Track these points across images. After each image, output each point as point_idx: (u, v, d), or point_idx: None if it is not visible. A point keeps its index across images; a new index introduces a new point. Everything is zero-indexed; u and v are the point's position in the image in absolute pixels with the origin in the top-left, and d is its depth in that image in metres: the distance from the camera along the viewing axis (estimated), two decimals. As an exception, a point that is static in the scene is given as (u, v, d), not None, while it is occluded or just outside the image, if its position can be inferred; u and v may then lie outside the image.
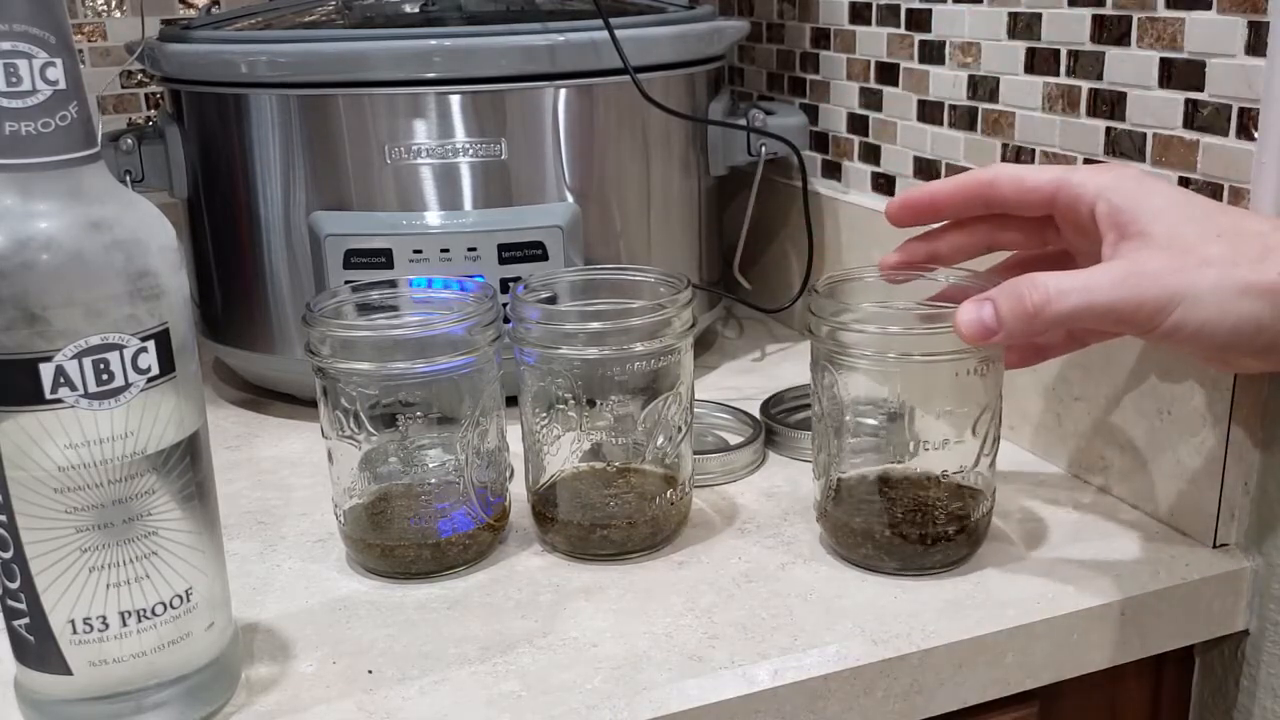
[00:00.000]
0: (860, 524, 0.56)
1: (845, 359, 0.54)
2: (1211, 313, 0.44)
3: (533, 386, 0.57)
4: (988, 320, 0.47)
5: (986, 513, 0.56)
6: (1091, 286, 0.45)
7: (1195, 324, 0.44)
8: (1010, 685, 0.53)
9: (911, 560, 0.55)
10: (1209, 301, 0.44)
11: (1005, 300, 0.46)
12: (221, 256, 0.79)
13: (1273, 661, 0.57)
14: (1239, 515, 0.57)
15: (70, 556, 0.42)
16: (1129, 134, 0.60)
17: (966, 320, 0.47)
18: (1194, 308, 0.44)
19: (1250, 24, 0.53)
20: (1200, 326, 0.44)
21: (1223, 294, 0.44)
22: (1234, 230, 0.45)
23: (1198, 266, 0.44)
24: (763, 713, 0.49)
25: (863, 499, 0.57)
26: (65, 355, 0.40)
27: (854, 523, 0.56)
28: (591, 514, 0.58)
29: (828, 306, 0.55)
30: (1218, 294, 0.44)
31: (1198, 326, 0.44)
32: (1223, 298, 0.44)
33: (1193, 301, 0.44)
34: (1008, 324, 0.46)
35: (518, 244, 0.72)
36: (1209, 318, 0.44)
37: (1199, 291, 0.44)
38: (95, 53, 1.00)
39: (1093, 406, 0.63)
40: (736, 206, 0.91)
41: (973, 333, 0.47)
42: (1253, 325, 0.44)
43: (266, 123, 0.74)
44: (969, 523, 0.55)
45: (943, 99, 0.74)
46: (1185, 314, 0.44)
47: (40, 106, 0.39)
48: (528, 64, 0.72)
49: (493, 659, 0.50)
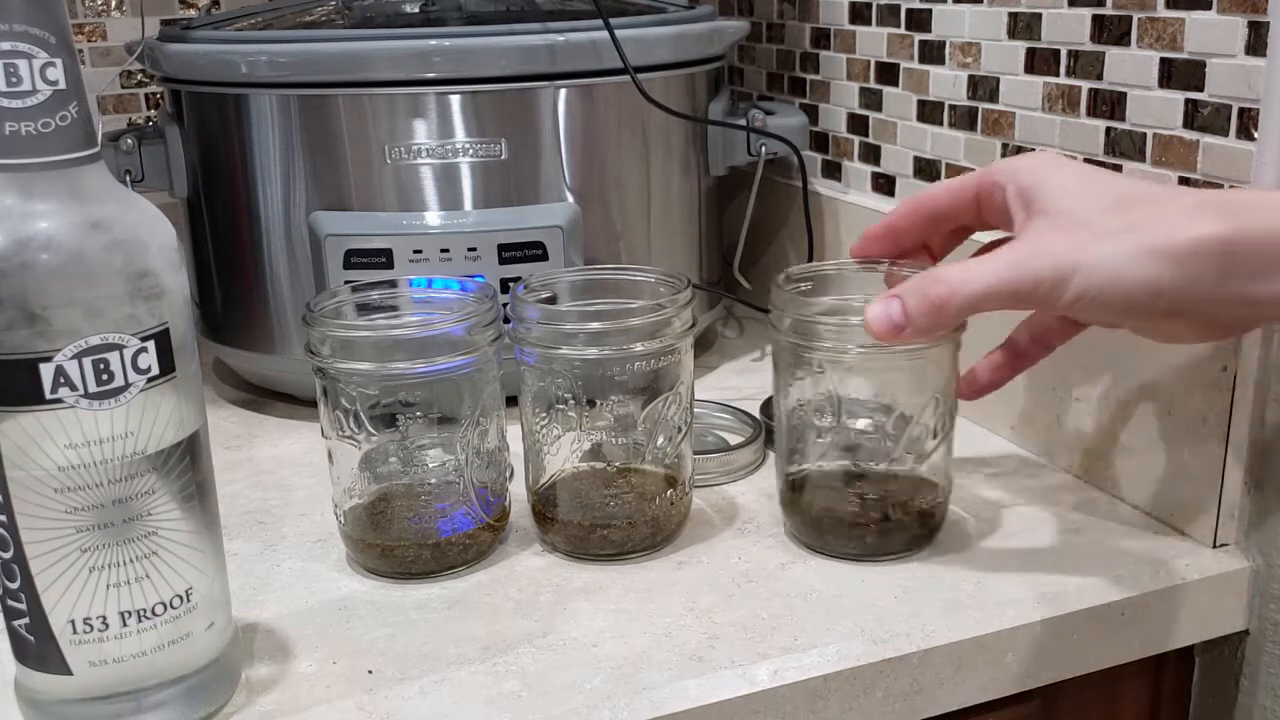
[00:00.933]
0: (820, 512, 0.58)
1: (807, 351, 0.55)
2: (1106, 279, 0.44)
3: (533, 386, 0.57)
4: (896, 317, 0.48)
5: (943, 499, 0.58)
6: (989, 271, 0.46)
7: (1093, 291, 0.44)
8: (1010, 685, 0.53)
9: (871, 547, 0.57)
10: (1103, 268, 0.44)
11: (911, 297, 0.48)
12: (221, 256, 0.79)
13: (1273, 661, 0.57)
14: (1239, 515, 0.57)
15: (70, 556, 0.42)
16: (1129, 134, 0.60)
17: (875, 318, 0.48)
18: (1089, 276, 0.44)
19: (1250, 24, 0.53)
20: (1098, 293, 0.44)
21: (1116, 260, 0.44)
22: (1134, 199, 0.46)
23: (1091, 237, 0.45)
24: (763, 713, 0.49)
25: (822, 487, 0.58)
26: (65, 355, 0.40)
27: (814, 511, 0.58)
28: (591, 514, 0.58)
29: (789, 300, 0.56)
30: (1111, 260, 0.44)
31: (1096, 293, 0.44)
32: (1116, 263, 0.44)
33: (1087, 270, 0.44)
34: (915, 320, 0.47)
35: (518, 244, 0.72)
36: (1104, 284, 0.44)
37: (1091, 260, 0.44)
38: (95, 53, 1.00)
39: (1093, 406, 0.63)
40: (736, 206, 0.91)
41: (882, 330, 0.48)
42: (1149, 288, 0.44)
43: (266, 123, 0.74)
44: (926, 509, 0.57)
45: (943, 99, 0.74)
46: (1082, 283, 0.45)
47: (40, 106, 0.39)
48: (528, 64, 0.72)
49: (493, 659, 0.50)
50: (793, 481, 0.59)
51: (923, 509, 0.57)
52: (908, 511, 0.57)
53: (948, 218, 0.54)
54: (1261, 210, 0.43)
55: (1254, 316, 0.46)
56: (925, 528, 0.58)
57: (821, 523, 0.58)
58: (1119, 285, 0.44)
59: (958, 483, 0.65)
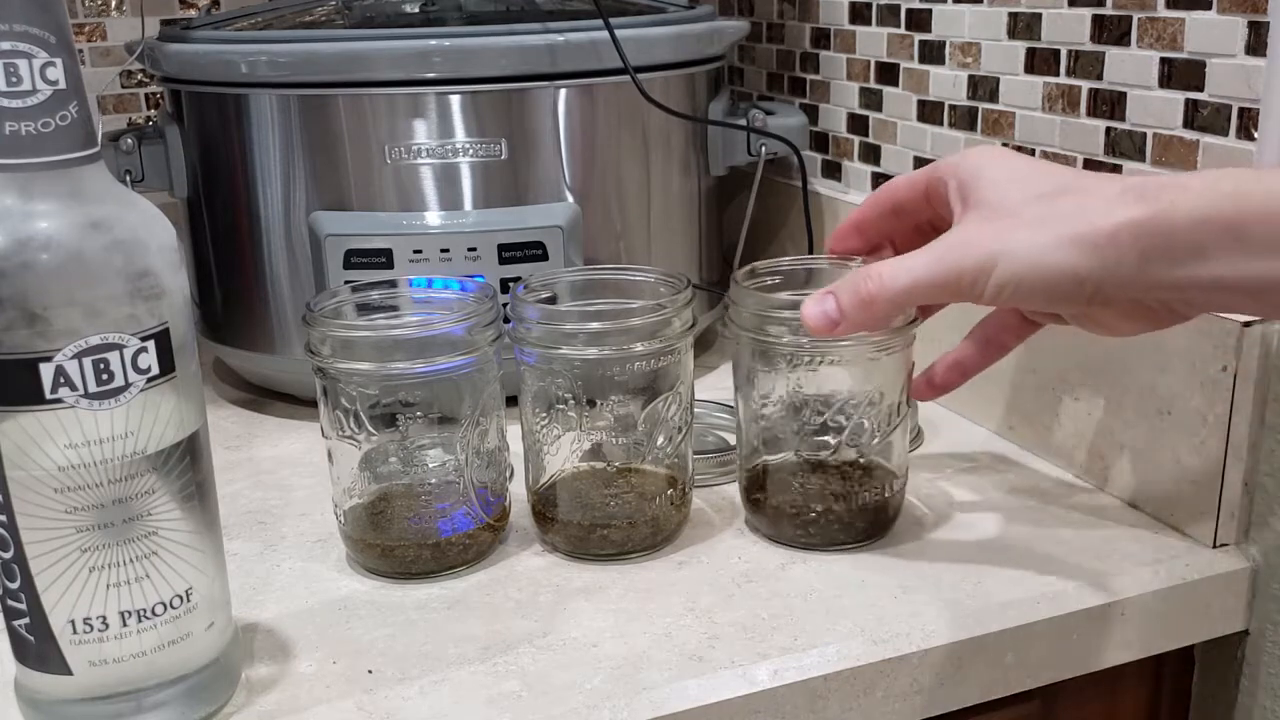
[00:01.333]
0: (777, 503, 0.58)
1: (763, 346, 0.56)
2: (1026, 267, 0.44)
3: (533, 386, 0.57)
4: (830, 313, 0.49)
5: (899, 490, 0.59)
6: (916, 265, 0.47)
7: (1015, 281, 0.45)
8: (1010, 685, 0.53)
9: (825, 537, 0.58)
10: (1023, 257, 0.44)
11: (844, 293, 0.48)
12: (221, 256, 0.79)
13: (1273, 661, 0.57)
14: (1239, 515, 0.57)
15: (70, 556, 0.42)
16: (1129, 134, 0.60)
17: (810, 314, 0.49)
18: (1010, 265, 0.44)
19: (1250, 24, 0.53)
20: (1020, 282, 0.45)
21: (1034, 248, 0.44)
22: (1063, 188, 0.45)
23: (1013, 226, 0.45)
24: (763, 713, 0.49)
25: (779, 480, 0.59)
26: (65, 355, 0.40)
27: (771, 502, 0.59)
28: (591, 514, 0.58)
29: (745, 294, 0.57)
30: (1029, 249, 0.44)
31: (1018, 283, 0.45)
32: (1036, 252, 0.44)
33: (1008, 259, 0.45)
34: (849, 315, 0.48)
35: (518, 244, 0.72)
36: (1025, 272, 0.44)
37: (1012, 249, 0.45)
38: (95, 53, 1.00)
39: (1093, 406, 0.63)
40: (736, 206, 0.91)
41: (817, 325, 0.49)
42: (1070, 276, 0.44)
43: (266, 123, 0.74)
44: (881, 500, 0.58)
45: (943, 99, 0.74)
46: (1004, 273, 0.45)
47: (40, 106, 0.39)
48: (528, 64, 0.72)
49: (493, 659, 0.50)
50: (752, 475, 0.60)
51: (878, 500, 0.58)
52: (863, 502, 0.57)
53: (907, 212, 0.55)
54: (1190, 194, 0.42)
55: (1182, 302, 0.45)
56: (880, 518, 0.58)
57: (779, 514, 0.59)
58: (1039, 273, 0.44)
59: (958, 483, 0.65)
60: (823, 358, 0.56)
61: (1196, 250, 0.42)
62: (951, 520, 0.61)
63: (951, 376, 0.57)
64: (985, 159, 0.49)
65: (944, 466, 0.67)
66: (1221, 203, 0.41)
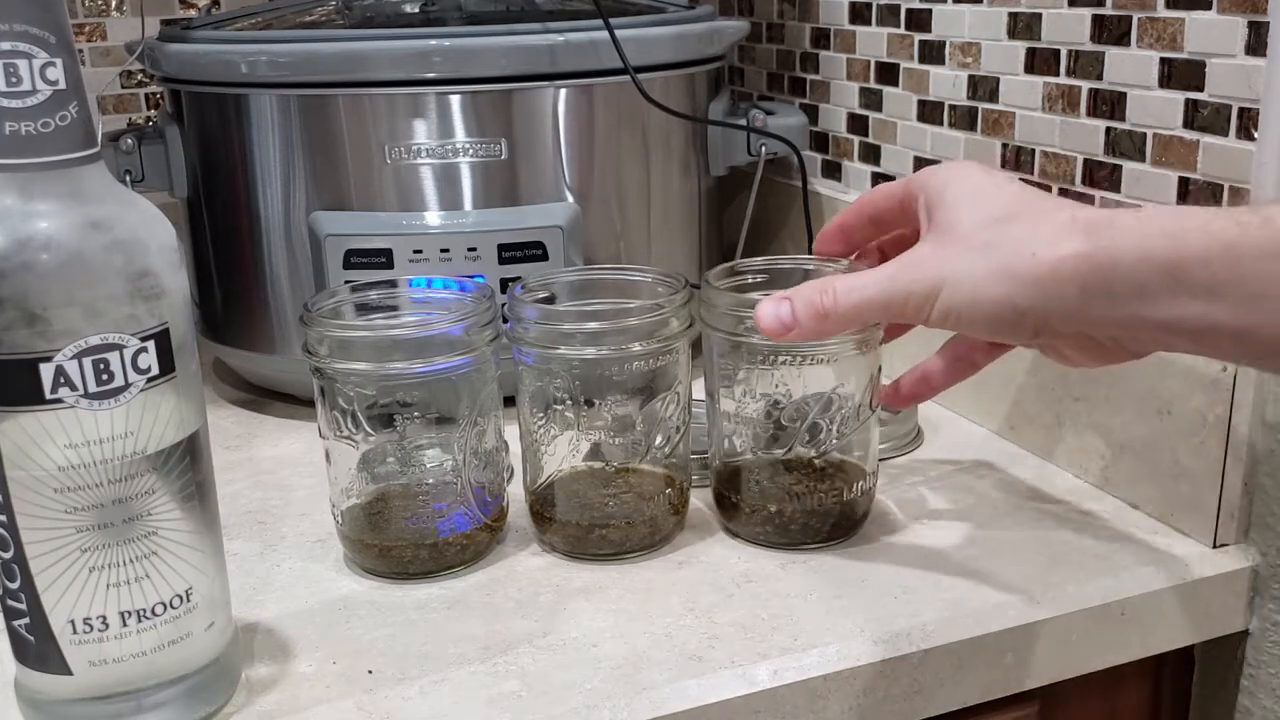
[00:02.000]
0: (748, 502, 0.59)
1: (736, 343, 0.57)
2: (966, 296, 0.44)
3: (531, 386, 0.57)
4: (785, 318, 0.49)
5: (869, 489, 0.59)
6: (867, 284, 0.47)
7: (957, 309, 0.45)
8: (1010, 685, 0.53)
9: (793, 535, 0.58)
10: (964, 286, 0.44)
11: (800, 301, 0.49)
12: (221, 256, 0.79)
13: (1273, 661, 0.57)
14: (1239, 515, 0.57)
15: (70, 556, 0.42)
16: (1129, 134, 0.60)
17: (765, 316, 0.49)
18: (953, 293, 0.44)
19: (1250, 24, 0.53)
20: (962, 311, 0.44)
21: (975, 279, 0.44)
22: (1014, 213, 0.45)
23: (960, 253, 0.45)
24: (763, 713, 0.49)
25: (748, 479, 0.59)
26: (65, 355, 0.40)
27: (740, 502, 0.59)
28: (590, 514, 0.58)
29: (716, 294, 0.57)
30: (971, 279, 0.44)
31: (960, 311, 0.45)
32: (975, 282, 0.44)
33: (952, 287, 0.44)
34: (802, 323, 0.49)
35: (518, 244, 0.72)
36: (966, 302, 0.44)
37: (956, 277, 0.44)
38: (95, 53, 1.00)
39: (1093, 406, 0.63)
40: (736, 206, 0.91)
41: (770, 328, 0.49)
42: (1009, 308, 0.43)
43: (266, 123, 0.74)
44: (850, 498, 0.58)
45: (943, 99, 0.74)
46: (947, 300, 0.45)
47: (40, 106, 0.39)
48: (528, 64, 0.72)
49: (493, 659, 0.50)
50: (721, 474, 0.60)
51: (846, 499, 0.58)
52: (830, 501, 0.58)
53: (886, 222, 0.55)
54: (1134, 232, 0.41)
55: (1131, 339, 0.44)
56: (849, 518, 0.59)
57: (749, 513, 0.59)
58: (979, 304, 0.44)
59: (958, 483, 0.65)
60: (792, 357, 0.56)
61: (1138, 290, 0.41)
62: (951, 521, 0.61)
63: (919, 389, 0.57)
64: (952, 175, 0.48)
65: (944, 466, 0.67)
66: (1161, 242, 0.41)
